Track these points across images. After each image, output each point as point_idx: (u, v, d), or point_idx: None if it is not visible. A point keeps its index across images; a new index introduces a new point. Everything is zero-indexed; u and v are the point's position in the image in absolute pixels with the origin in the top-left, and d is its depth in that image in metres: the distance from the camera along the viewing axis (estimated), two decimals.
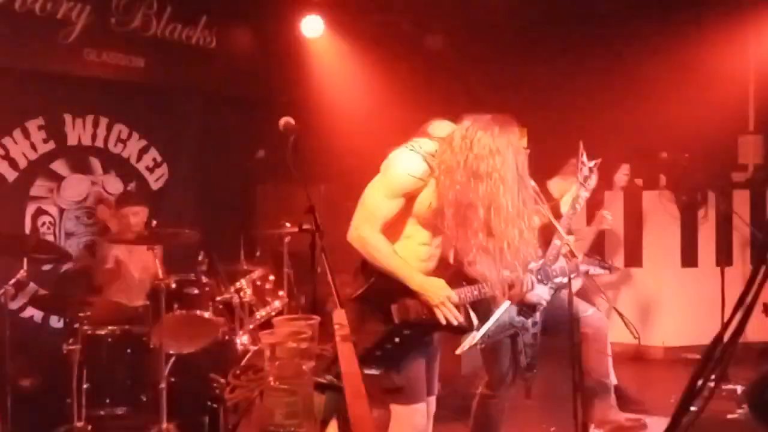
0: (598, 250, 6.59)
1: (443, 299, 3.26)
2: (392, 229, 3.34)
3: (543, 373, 4.70)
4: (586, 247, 5.67)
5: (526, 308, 4.03)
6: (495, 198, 3.08)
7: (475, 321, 3.53)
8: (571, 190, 4.56)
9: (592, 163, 4.31)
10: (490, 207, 3.09)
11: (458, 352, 3.81)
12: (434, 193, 3.21)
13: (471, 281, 3.38)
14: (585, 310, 4.70)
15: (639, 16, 7.25)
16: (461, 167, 3.10)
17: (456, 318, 3.27)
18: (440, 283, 3.28)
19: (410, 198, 3.24)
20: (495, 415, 4.31)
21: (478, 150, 3.09)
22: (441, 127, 3.33)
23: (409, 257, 3.31)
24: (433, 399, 3.56)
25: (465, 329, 3.66)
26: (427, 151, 3.21)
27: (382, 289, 3.29)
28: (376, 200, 3.26)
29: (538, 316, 4.11)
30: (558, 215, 4.42)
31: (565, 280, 3.90)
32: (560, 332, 4.31)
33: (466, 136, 3.13)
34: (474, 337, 3.81)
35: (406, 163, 3.20)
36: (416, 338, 3.34)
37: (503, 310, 3.96)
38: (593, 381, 4.76)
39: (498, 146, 3.09)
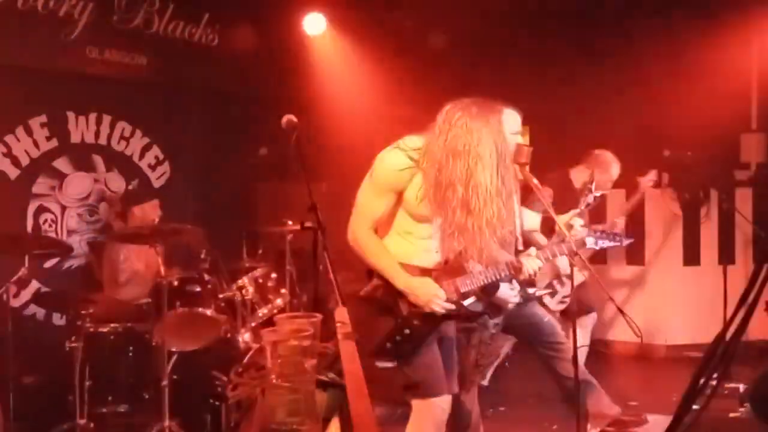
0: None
1: (430, 298, 3.28)
2: (390, 227, 3.38)
3: (545, 374, 4.73)
4: None
5: (492, 307, 4.00)
6: (472, 175, 3.12)
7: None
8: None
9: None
10: (468, 184, 3.12)
11: None
12: (420, 185, 3.24)
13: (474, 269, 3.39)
14: (543, 316, 4.71)
15: (642, 15, 7.23)
16: (441, 147, 3.15)
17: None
18: (425, 282, 3.30)
19: (399, 194, 3.28)
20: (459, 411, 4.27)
21: (456, 129, 3.14)
22: None
23: (413, 252, 3.34)
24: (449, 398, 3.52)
25: (474, 318, 3.67)
26: (412, 147, 3.25)
27: (389, 284, 3.31)
28: (364, 200, 3.34)
29: (499, 318, 4.10)
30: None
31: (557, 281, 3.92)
32: (517, 336, 4.61)
33: (446, 117, 3.19)
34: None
35: (387, 160, 3.26)
36: (426, 329, 3.35)
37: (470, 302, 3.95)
38: (572, 383, 4.76)
39: (475, 125, 3.14)
